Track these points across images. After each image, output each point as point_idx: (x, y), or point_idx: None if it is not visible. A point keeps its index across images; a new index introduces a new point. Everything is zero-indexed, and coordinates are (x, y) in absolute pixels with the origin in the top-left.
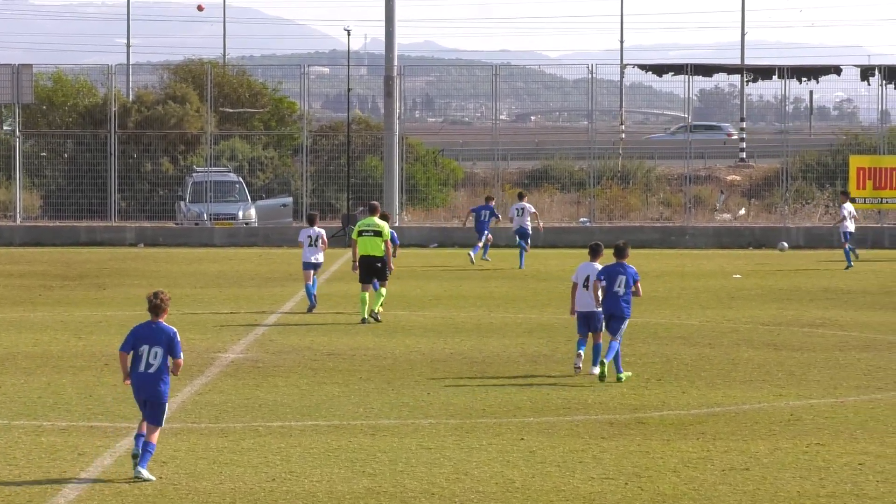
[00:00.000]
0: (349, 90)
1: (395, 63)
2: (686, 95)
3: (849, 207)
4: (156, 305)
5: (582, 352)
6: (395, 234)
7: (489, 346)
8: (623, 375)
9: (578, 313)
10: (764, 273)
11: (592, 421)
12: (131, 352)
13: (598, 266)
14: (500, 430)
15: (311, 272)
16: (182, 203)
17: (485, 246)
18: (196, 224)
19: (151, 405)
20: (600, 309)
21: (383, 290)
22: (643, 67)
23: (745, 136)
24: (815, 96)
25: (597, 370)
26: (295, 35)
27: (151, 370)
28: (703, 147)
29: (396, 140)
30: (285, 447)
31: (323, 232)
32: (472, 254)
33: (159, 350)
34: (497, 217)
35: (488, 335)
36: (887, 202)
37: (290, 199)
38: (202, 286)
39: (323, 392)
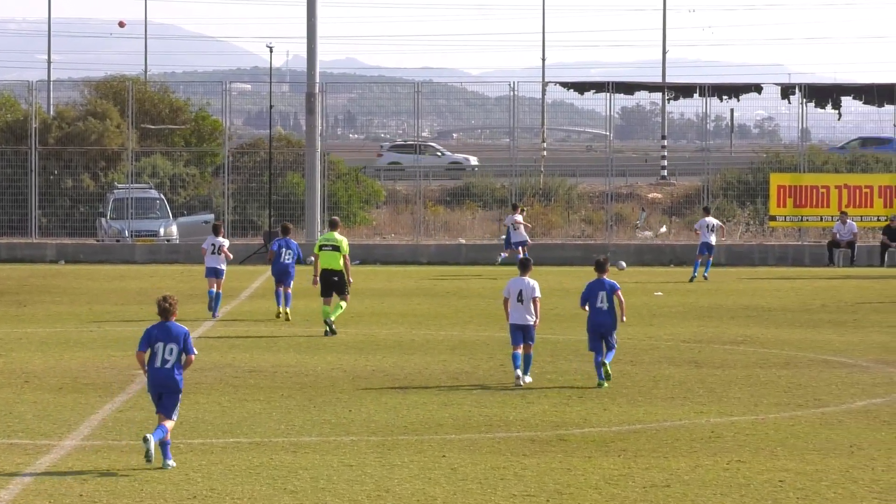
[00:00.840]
0: (271, 107)
1: (317, 80)
2: (608, 113)
3: (707, 221)
4: (165, 308)
5: (520, 366)
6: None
7: (411, 363)
8: (605, 384)
9: (512, 325)
10: (685, 291)
11: (514, 438)
12: (148, 350)
13: (529, 281)
14: (422, 447)
15: (213, 279)
16: (103, 220)
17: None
18: (117, 241)
19: (168, 397)
20: (531, 322)
21: (343, 304)
22: (565, 85)
23: (666, 153)
24: (736, 114)
25: (529, 378)
26: (216, 52)
27: (168, 365)
28: (624, 165)
29: (318, 157)
30: (206, 464)
31: (226, 243)
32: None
33: (174, 347)
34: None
35: (410, 352)
36: (807, 220)
37: (211, 216)
38: (124, 303)
39: (244, 409)
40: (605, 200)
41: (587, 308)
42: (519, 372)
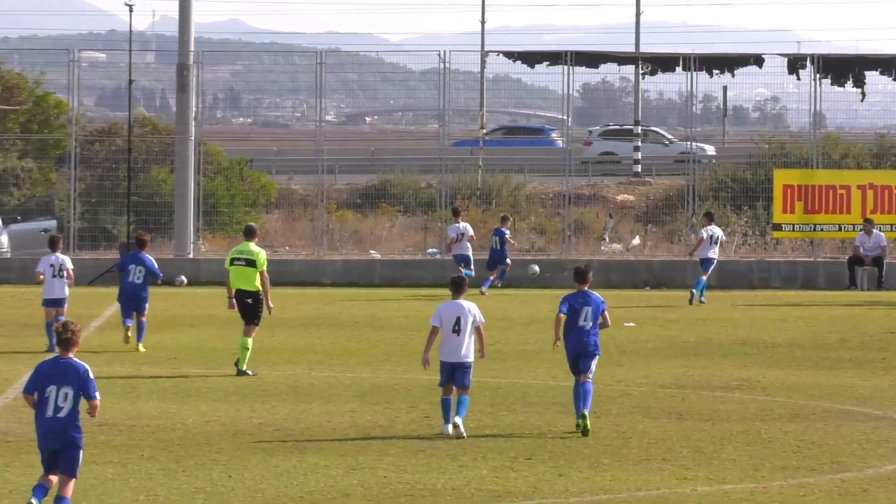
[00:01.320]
0: (131, 82)
1: (192, 48)
2: (565, 92)
3: (712, 230)
4: (65, 339)
5: (450, 416)
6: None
7: (309, 414)
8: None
9: (444, 364)
10: (665, 321)
11: None
12: (35, 393)
13: (467, 305)
14: None
15: (54, 310)
16: None
17: (500, 274)
18: None
19: (65, 454)
20: (468, 360)
21: (248, 341)
22: (510, 55)
23: (640, 144)
24: (730, 94)
25: (459, 423)
26: (62, 11)
27: (61, 414)
28: (587, 158)
29: (192, 147)
30: None
31: (67, 260)
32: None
33: (69, 391)
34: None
35: (308, 400)
36: (821, 229)
37: (53, 223)
38: None
39: (92, 474)
40: (562, 204)
41: (561, 326)
42: (450, 427)
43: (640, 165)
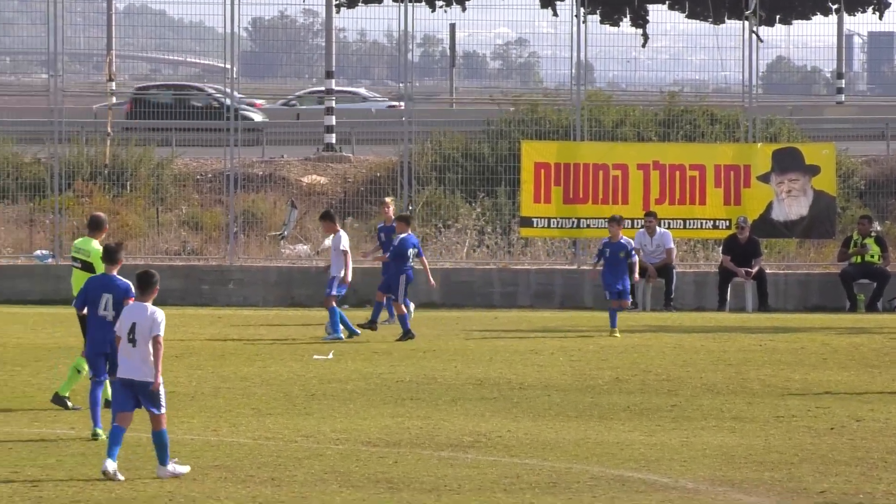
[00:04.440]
0: None
1: None
2: (228, 29)
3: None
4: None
5: (114, 456)
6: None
7: None
8: None
9: (117, 382)
10: (370, 352)
11: None
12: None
13: (151, 309)
14: None
15: None
16: None
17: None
18: None
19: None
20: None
21: (79, 371)
22: None
23: (334, 104)
24: (459, 34)
25: (177, 468)
26: None
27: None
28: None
29: None
30: None
31: None
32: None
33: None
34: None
35: None
36: (589, 226)
37: None
38: None
39: None
40: (225, 187)
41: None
42: (111, 467)
43: (333, 135)
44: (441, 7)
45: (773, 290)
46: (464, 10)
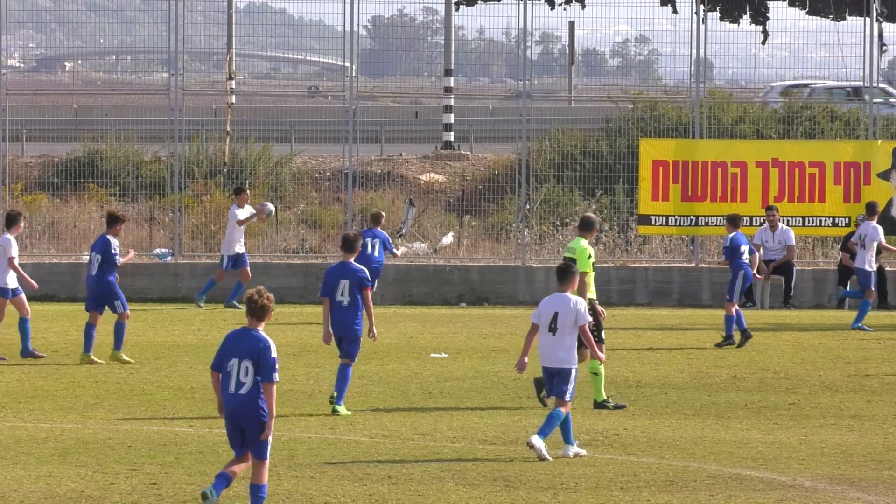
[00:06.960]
0: None
1: None
2: (348, 28)
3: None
4: (260, 307)
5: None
6: None
7: None
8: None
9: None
10: (487, 350)
11: None
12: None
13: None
14: None
15: None
16: None
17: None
18: None
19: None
20: None
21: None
22: None
23: (453, 101)
24: (578, 32)
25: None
26: None
27: (243, 390)
28: (378, 120)
29: None
30: None
31: None
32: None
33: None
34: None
35: None
36: (707, 223)
37: None
38: None
39: None
40: (343, 184)
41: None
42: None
43: (452, 132)
44: (560, 5)
45: (893, 288)
46: (583, 7)
